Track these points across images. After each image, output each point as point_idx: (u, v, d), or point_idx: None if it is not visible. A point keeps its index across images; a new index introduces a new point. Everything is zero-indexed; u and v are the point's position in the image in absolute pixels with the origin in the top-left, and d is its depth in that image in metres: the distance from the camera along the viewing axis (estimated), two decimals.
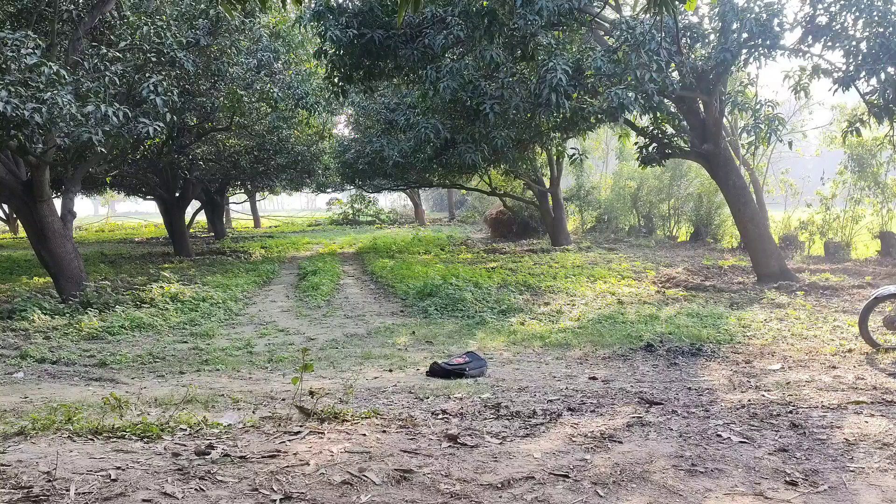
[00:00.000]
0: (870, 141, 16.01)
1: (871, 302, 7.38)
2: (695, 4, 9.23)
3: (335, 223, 41.13)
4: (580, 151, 14.59)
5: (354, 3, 11.46)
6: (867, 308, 7.34)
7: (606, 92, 9.86)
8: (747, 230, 12.76)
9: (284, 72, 14.35)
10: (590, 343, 8.29)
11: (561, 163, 21.96)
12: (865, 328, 7.31)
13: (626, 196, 25.14)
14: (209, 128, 16.69)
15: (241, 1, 4.16)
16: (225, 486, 3.38)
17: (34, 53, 8.43)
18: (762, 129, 11.12)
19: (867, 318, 7.30)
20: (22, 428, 4.31)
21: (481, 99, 10.87)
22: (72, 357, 7.94)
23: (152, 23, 10.58)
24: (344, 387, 5.88)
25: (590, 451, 3.86)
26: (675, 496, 3.19)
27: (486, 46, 10.03)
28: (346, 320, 10.56)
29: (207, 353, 8.18)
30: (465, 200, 43.58)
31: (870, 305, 7.36)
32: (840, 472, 3.42)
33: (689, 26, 11.15)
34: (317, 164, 23.08)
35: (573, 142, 20.56)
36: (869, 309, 7.32)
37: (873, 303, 7.37)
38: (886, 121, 11.08)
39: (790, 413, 4.59)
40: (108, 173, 18.51)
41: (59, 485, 3.33)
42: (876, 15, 10.02)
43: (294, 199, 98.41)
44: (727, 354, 7.47)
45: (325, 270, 15.76)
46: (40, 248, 11.33)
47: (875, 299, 7.37)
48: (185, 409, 4.97)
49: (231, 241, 26.71)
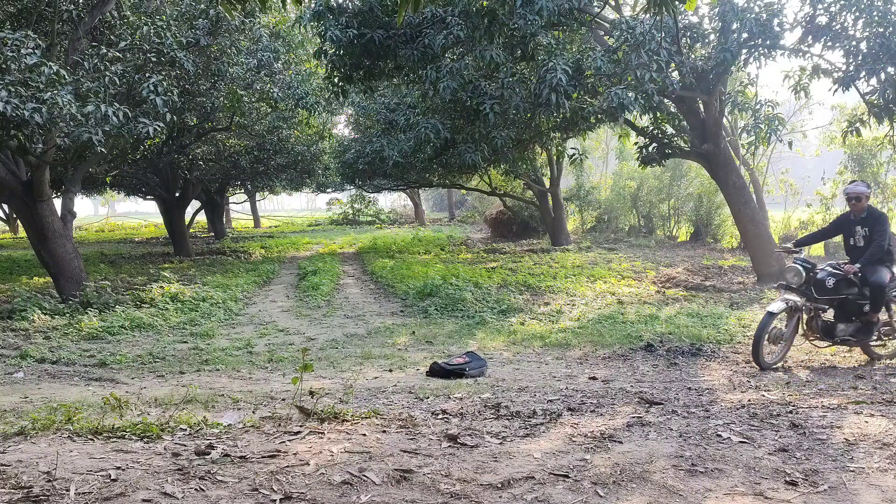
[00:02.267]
0: (870, 141, 16.02)
1: (766, 318, 6.59)
2: (695, 4, 9.22)
3: (335, 223, 41.11)
4: (580, 151, 14.60)
5: (354, 3, 11.46)
6: (763, 325, 6.55)
7: (606, 92, 9.86)
8: (747, 230, 12.76)
9: (284, 72, 14.35)
10: (590, 343, 8.29)
11: (561, 163, 21.95)
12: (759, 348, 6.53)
13: (626, 196, 25.13)
14: (209, 128, 16.69)
15: (241, 1, 4.16)
16: (225, 486, 3.38)
17: (34, 53, 8.42)
18: (762, 129, 11.12)
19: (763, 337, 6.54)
20: (22, 428, 4.31)
21: (481, 99, 10.86)
22: (72, 357, 7.94)
23: (152, 23, 10.58)
24: (344, 387, 5.88)
25: (590, 451, 3.86)
26: (675, 496, 3.19)
27: (486, 46, 10.03)
28: (346, 320, 10.56)
29: (207, 353, 8.18)
30: (465, 200, 43.58)
31: (765, 322, 6.56)
32: (840, 472, 3.42)
33: (689, 26, 11.15)
34: (317, 164, 23.08)
35: (573, 142, 20.55)
36: (765, 326, 6.54)
37: (768, 319, 6.58)
38: (886, 121, 11.08)
39: (790, 413, 4.59)
40: (108, 173, 18.50)
41: (59, 485, 3.33)
42: (876, 15, 10.02)
43: (294, 199, 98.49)
44: (727, 354, 7.47)
45: (325, 270, 15.76)
46: (40, 248, 11.33)
47: (770, 315, 6.59)
48: (185, 409, 4.97)
49: (231, 241, 26.70)
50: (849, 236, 7.02)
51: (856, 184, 6.95)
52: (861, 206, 6.84)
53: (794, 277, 6.77)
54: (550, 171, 22.28)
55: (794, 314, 6.82)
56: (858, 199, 6.82)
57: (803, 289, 6.78)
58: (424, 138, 13.36)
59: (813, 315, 6.88)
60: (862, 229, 6.87)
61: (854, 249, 6.95)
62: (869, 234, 6.80)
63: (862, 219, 6.87)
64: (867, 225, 6.83)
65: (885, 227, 6.74)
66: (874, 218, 6.83)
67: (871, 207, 6.94)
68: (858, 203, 6.83)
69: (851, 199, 6.87)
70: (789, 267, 6.86)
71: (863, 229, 6.86)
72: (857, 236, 6.90)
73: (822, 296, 6.81)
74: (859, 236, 6.89)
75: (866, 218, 6.85)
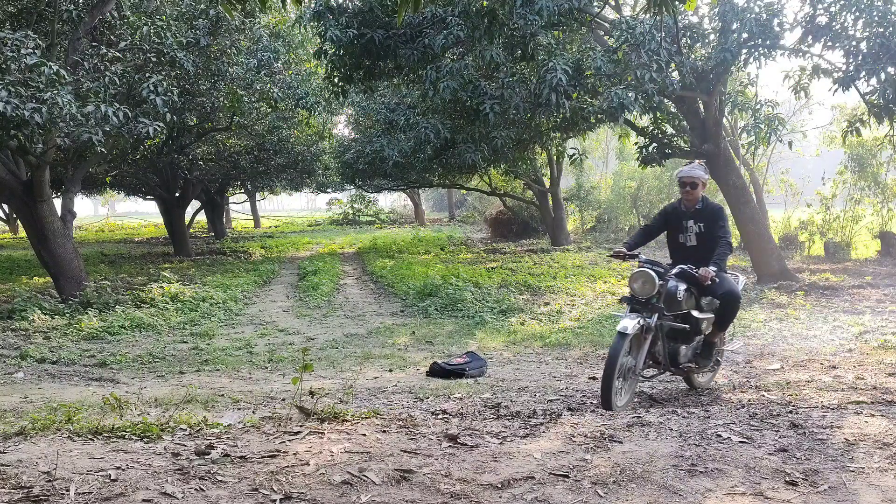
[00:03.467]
0: (870, 141, 16.01)
1: (617, 341, 4.86)
2: (695, 4, 9.22)
3: (335, 223, 41.12)
4: (580, 151, 14.61)
5: (354, 3, 11.46)
6: (615, 352, 4.82)
7: (606, 92, 9.86)
8: (747, 230, 12.76)
9: (284, 72, 14.35)
10: (590, 343, 8.29)
11: (561, 163, 21.96)
12: (610, 383, 4.79)
13: (626, 196, 25.14)
14: (209, 128, 16.70)
15: (241, 1, 4.16)
16: (225, 486, 3.38)
17: (34, 53, 8.42)
18: (762, 129, 11.13)
19: (616, 368, 4.79)
20: (22, 428, 4.31)
21: (481, 99, 10.87)
22: (72, 357, 7.94)
23: (152, 23, 10.58)
24: (344, 387, 5.89)
25: (590, 451, 3.86)
26: (675, 496, 3.19)
27: (486, 46, 10.03)
28: (346, 320, 10.56)
29: (207, 353, 8.18)
30: (465, 200, 43.57)
31: (617, 348, 4.83)
32: (840, 472, 3.42)
33: (689, 26, 11.15)
34: (317, 164, 23.08)
35: (573, 142, 20.55)
36: (617, 353, 4.80)
37: (620, 342, 4.84)
38: (886, 121, 11.08)
39: (790, 413, 4.59)
40: (108, 173, 18.51)
41: (59, 485, 3.33)
42: (876, 15, 10.01)
43: (294, 199, 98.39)
44: (727, 354, 7.47)
45: (325, 270, 15.76)
46: (40, 248, 11.33)
47: (621, 336, 4.85)
48: (185, 409, 4.97)
49: (231, 241, 26.71)
50: (677, 233, 5.60)
51: (692, 166, 5.53)
52: (695, 196, 5.44)
53: (645, 286, 5.01)
54: (550, 171, 22.29)
55: (646, 336, 5.08)
56: (694, 185, 5.41)
57: (654, 301, 5.05)
58: (424, 138, 13.36)
59: (655, 337, 5.17)
60: (695, 225, 5.47)
61: (683, 249, 5.55)
62: (704, 232, 5.44)
63: (696, 211, 5.48)
64: (701, 220, 5.45)
65: (727, 223, 5.48)
66: (711, 211, 5.46)
67: (706, 199, 5.53)
68: (693, 191, 5.42)
69: (686, 185, 5.44)
70: (637, 273, 5.07)
71: (696, 225, 5.47)
72: (689, 233, 5.51)
73: (672, 311, 5.19)
74: (691, 233, 5.50)
75: (701, 210, 5.47)
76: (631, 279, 5.10)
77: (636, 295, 5.07)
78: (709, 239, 5.44)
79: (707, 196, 5.61)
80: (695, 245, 5.51)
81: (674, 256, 5.66)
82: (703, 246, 5.46)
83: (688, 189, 5.46)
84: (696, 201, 5.50)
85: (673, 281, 5.16)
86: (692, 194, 5.46)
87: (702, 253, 5.40)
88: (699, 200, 5.50)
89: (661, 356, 5.29)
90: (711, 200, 5.64)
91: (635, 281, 5.08)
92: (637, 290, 5.06)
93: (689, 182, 5.44)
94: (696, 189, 5.44)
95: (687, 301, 5.27)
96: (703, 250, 5.43)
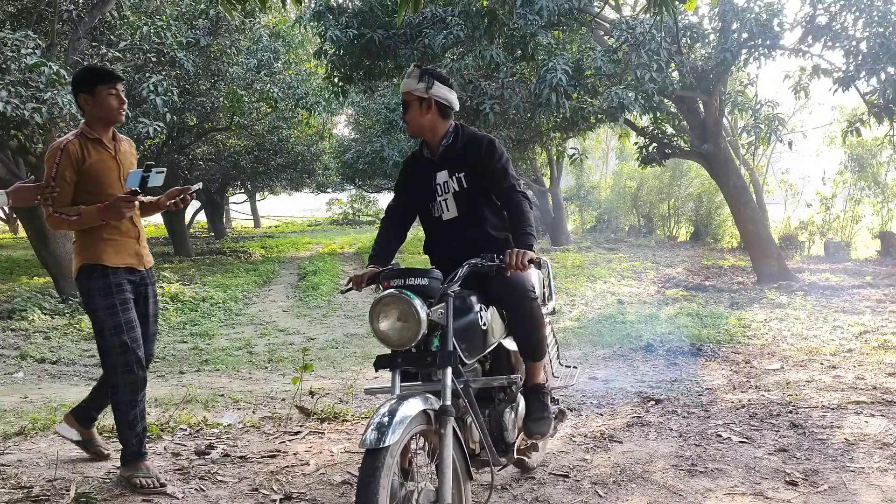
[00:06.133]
0: (870, 141, 16.01)
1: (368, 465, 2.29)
2: (695, 4, 9.21)
3: (335, 223, 41.12)
4: (580, 151, 14.59)
5: (354, 3, 11.47)
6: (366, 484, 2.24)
7: (606, 92, 9.86)
8: (747, 230, 12.75)
9: (284, 72, 14.36)
10: (590, 343, 8.28)
11: (561, 163, 21.95)
12: None
13: (626, 196, 25.13)
14: (209, 128, 16.70)
15: (241, 1, 4.16)
16: (225, 486, 3.38)
17: (34, 53, 8.43)
18: (762, 129, 11.13)
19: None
20: (22, 428, 4.31)
21: (481, 99, 10.86)
22: (72, 357, 7.94)
23: (152, 23, 10.58)
24: (344, 387, 5.89)
25: (590, 451, 3.86)
26: (675, 496, 3.19)
27: (486, 46, 10.03)
28: (346, 320, 10.56)
29: (207, 353, 8.18)
30: None
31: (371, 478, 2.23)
32: (840, 472, 3.42)
33: (689, 26, 11.15)
34: (317, 164, 23.08)
35: (573, 142, 20.55)
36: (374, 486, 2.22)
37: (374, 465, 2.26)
38: (886, 121, 11.08)
39: (790, 413, 4.59)
40: None
41: (59, 485, 3.34)
42: (876, 15, 10.01)
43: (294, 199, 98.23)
44: (727, 354, 7.46)
45: (325, 270, 15.76)
46: (40, 248, 11.32)
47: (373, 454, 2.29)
48: (185, 409, 4.98)
49: (231, 241, 26.70)
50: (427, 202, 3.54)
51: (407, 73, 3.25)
52: (418, 124, 3.36)
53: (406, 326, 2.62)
54: (550, 171, 22.28)
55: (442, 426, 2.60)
56: (406, 105, 3.41)
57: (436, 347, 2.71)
58: None
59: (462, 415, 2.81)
60: (451, 178, 3.45)
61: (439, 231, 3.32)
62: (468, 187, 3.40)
63: (444, 153, 3.45)
64: (458, 166, 3.48)
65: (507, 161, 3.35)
66: (473, 145, 3.47)
67: (459, 128, 3.45)
68: (409, 115, 3.37)
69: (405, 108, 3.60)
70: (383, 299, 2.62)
71: (452, 177, 3.45)
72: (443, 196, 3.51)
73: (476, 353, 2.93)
74: (447, 195, 3.47)
75: (453, 148, 3.43)
76: (371, 315, 2.63)
77: (391, 346, 2.67)
78: (479, 198, 3.11)
79: (463, 124, 3.25)
80: (455, 217, 3.13)
81: (430, 250, 3.30)
82: (471, 214, 3.11)
83: (405, 117, 3.17)
84: (435, 134, 3.13)
85: (466, 297, 2.83)
86: (412, 119, 3.13)
87: (470, 230, 3.11)
88: (447, 134, 3.14)
89: (481, 442, 2.79)
90: (472, 128, 3.28)
91: (382, 317, 2.61)
92: (390, 336, 2.63)
93: (404, 102, 3.15)
94: (410, 111, 3.12)
95: (494, 325, 2.98)
96: (472, 223, 3.12)
